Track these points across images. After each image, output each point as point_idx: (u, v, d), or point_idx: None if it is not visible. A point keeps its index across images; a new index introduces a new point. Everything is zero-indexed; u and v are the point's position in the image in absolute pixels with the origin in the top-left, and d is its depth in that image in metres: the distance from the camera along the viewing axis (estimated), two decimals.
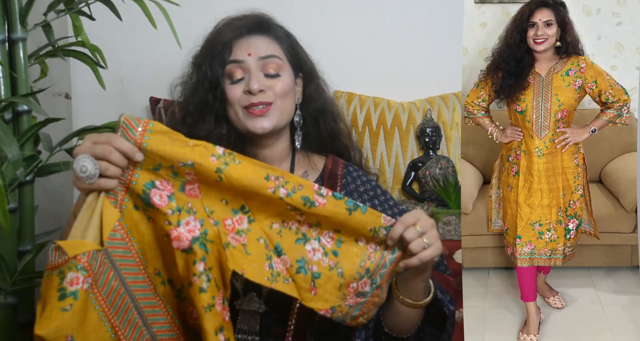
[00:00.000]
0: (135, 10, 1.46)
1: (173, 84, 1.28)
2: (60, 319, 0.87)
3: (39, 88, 1.55)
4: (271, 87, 1.17)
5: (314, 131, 1.27)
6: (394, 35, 2.24)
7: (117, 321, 0.95)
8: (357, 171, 1.28)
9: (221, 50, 1.18)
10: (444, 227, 2.11)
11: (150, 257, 0.98)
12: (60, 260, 0.88)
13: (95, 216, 0.93)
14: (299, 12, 2.05)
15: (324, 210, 1.00)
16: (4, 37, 1.41)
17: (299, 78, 1.25)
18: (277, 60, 1.18)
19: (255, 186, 0.97)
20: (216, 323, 0.95)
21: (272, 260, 1.00)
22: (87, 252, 0.90)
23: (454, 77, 2.21)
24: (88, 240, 0.91)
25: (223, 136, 1.19)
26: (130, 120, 0.93)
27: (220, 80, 1.18)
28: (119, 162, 0.93)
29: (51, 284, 0.88)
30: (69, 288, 0.88)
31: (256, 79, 1.16)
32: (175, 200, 0.96)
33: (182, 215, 0.95)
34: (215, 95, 1.19)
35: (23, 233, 1.42)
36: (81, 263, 0.89)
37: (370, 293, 1.04)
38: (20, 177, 1.35)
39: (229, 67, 1.17)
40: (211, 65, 1.18)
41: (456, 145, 2.30)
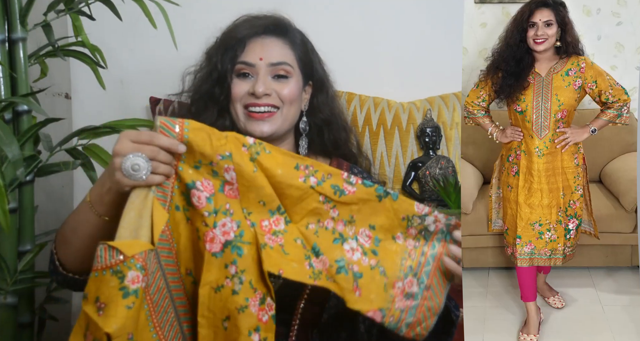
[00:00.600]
0: (135, 11, 1.46)
1: (185, 72, 1.30)
2: (125, 317, 0.88)
3: (39, 88, 1.55)
4: (277, 90, 1.17)
5: (318, 139, 1.27)
6: (394, 35, 2.23)
7: (158, 321, 0.96)
8: (361, 173, 1.28)
9: (234, 46, 1.19)
10: None
11: (184, 257, 0.99)
12: (114, 259, 0.89)
13: (145, 216, 0.93)
14: (298, 12, 2.04)
15: (355, 197, 1.00)
16: (4, 37, 1.41)
17: (309, 86, 1.25)
18: (287, 67, 1.19)
19: (287, 175, 0.98)
20: (250, 323, 0.95)
21: (311, 259, 1.00)
22: (143, 251, 0.91)
23: (454, 77, 2.21)
24: (141, 240, 0.92)
25: (226, 128, 1.19)
26: (166, 122, 0.94)
27: (228, 75, 1.18)
28: (165, 159, 0.94)
29: (107, 283, 0.89)
30: (131, 286, 0.89)
31: (262, 82, 1.16)
32: (214, 201, 0.96)
33: (219, 216, 0.96)
34: (222, 89, 1.19)
35: (23, 233, 1.42)
36: (140, 263, 0.90)
37: (419, 294, 1.02)
38: (20, 177, 1.35)
39: (239, 66, 1.18)
40: (222, 59, 1.19)
41: (456, 145, 2.30)
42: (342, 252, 1.01)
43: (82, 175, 1.46)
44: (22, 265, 1.39)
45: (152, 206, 0.94)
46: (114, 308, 0.88)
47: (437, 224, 1.04)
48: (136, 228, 0.93)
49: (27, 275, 1.40)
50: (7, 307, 1.38)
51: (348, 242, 1.02)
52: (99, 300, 0.89)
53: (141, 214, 0.94)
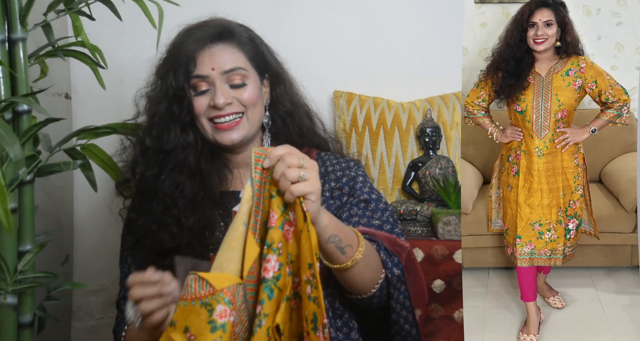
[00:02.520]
0: (135, 10, 1.46)
1: (138, 95, 1.28)
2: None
3: (39, 88, 1.55)
4: (237, 97, 1.17)
5: (284, 130, 1.27)
6: (394, 35, 2.23)
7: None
8: (328, 155, 1.28)
9: (185, 62, 1.18)
10: (444, 227, 2.11)
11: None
12: (204, 291, 0.89)
13: (237, 250, 0.93)
14: (298, 12, 2.04)
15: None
16: (4, 37, 1.40)
17: (266, 79, 1.25)
18: (241, 71, 1.18)
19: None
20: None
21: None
22: (231, 285, 0.91)
23: (454, 77, 2.21)
24: (230, 274, 0.92)
25: (190, 144, 1.19)
26: (260, 152, 0.95)
27: (185, 91, 1.18)
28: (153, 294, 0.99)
29: (197, 315, 0.89)
30: (219, 320, 0.89)
31: (221, 92, 1.16)
32: (270, 234, 0.94)
33: (269, 251, 0.94)
34: (182, 106, 1.19)
35: (23, 233, 1.42)
36: (227, 297, 0.90)
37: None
38: (22, 177, 1.35)
39: (194, 81, 1.18)
40: (175, 77, 1.18)
41: (456, 145, 2.30)
42: None
43: (82, 175, 1.46)
44: (22, 265, 1.39)
45: (246, 239, 0.93)
46: (203, 340, 0.88)
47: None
48: (227, 261, 0.93)
49: (27, 275, 1.39)
50: (7, 307, 1.38)
51: None
52: (189, 331, 0.89)
53: (232, 247, 0.93)
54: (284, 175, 0.91)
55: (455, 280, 1.96)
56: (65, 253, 1.72)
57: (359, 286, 1.11)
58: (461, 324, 1.92)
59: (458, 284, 1.95)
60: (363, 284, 1.11)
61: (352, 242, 1.05)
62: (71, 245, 2.04)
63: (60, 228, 1.78)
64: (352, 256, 1.05)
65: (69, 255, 1.67)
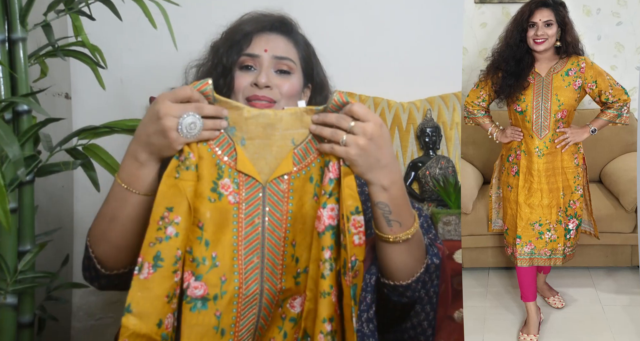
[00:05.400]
0: (135, 11, 1.46)
1: (188, 66, 1.30)
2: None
3: (39, 88, 1.55)
4: (279, 85, 1.18)
5: None
6: (394, 35, 2.24)
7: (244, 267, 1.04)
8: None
9: (240, 40, 1.20)
10: (444, 227, 2.11)
11: (293, 228, 1.05)
12: None
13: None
14: (298, 12, 2.04)
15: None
16: (4, 37, 1.41)
17: (308, 88, 1.26)
18: (290, 63, 1.20)
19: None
20: (328, 311, 0.98)
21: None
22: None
23: (454, 77, 2.21)
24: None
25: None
26: (343, 95, 1.00)
27: (232, 67, 1.19)
28: (210, 112, 0.99)
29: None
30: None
31: (266, 73, 1.18)
32: (334, 184, 1.00)
33: (331, 199, 0.99)
34: (225, 81, 1.21)
35: (23, 233, 1.42)
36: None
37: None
38: (21, 177, 1.35)
39: (244, 58, 1.19)
40: (228, 52, 1.20)
41: (456, 145, 2.30)
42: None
43: (82, 175, 1.46)
44: (22, 265, 1.39)
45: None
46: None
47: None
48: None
49: (27, 275, 1.40)
50: (7, 307, 1.38)
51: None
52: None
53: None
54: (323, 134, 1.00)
55: (455, 280, 1.96)
56: (65, 253, 1.72)
57: (397, 267, 1.10)
58: (461, 324, 1.91)
59: (458, 284, 1.95)
60: (402, 267, 1.10)
61: (404, 220, 1.05)
62: (71, 245, 2.04)
63: (60, 228, 1.78)
64: (396, 233, 1.05)
65: (69, 255, 1.67)
